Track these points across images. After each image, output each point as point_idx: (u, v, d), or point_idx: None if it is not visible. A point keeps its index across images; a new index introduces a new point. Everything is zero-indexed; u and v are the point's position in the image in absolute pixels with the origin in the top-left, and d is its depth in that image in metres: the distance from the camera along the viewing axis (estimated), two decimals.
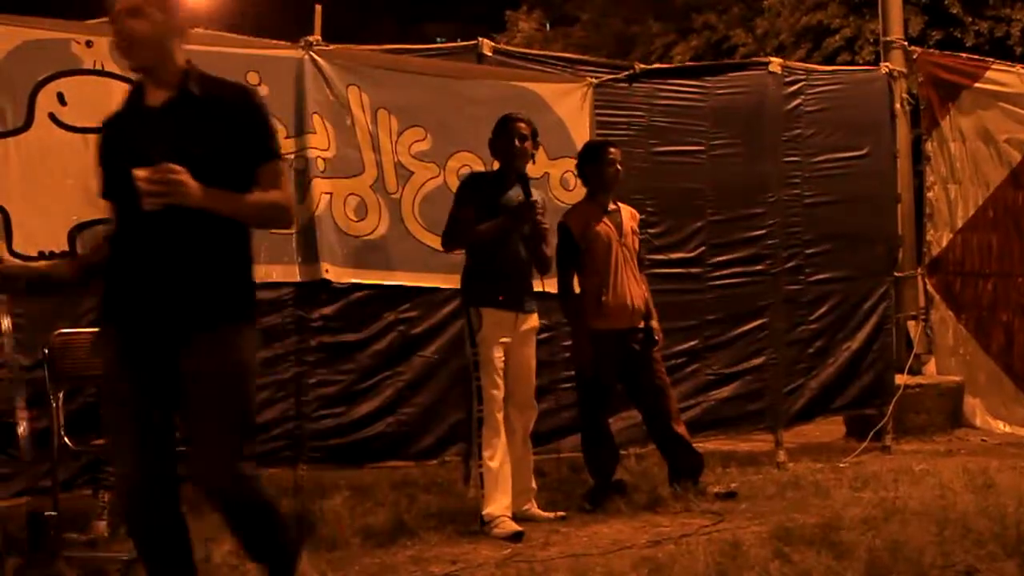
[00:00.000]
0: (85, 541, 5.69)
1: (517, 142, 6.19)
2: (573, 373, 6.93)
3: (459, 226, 6.15)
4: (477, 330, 6.08)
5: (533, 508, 6.27)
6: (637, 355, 6.79)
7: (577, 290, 6.74)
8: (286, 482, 6.66)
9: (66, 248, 6.07)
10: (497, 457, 6.00)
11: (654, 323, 6.87)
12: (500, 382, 6.06)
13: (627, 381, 6.86)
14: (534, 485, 6.36)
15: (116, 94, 6.20)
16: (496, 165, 6.44)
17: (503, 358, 6.09)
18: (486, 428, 6.02)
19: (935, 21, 14.17)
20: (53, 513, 5.36)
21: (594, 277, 6.69)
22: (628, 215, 6.89)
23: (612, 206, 6.84)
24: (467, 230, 6.11)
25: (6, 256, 5.91)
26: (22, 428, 5.46)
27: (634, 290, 6.74)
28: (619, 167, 6.79)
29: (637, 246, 6.90)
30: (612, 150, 6.81)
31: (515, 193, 6.19)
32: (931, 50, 10.49)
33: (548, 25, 21.74)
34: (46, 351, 5.48)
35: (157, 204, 3.59)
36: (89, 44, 6.20)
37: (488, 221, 6.09)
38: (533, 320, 6.25)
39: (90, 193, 6.08)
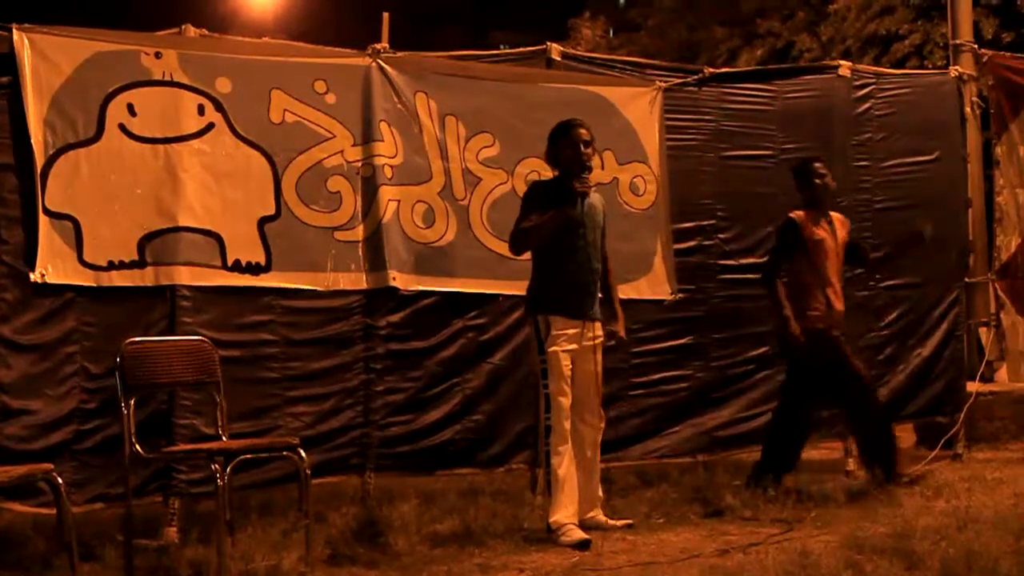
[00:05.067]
0: (156, 547, 5.75)
1: (582, 147, 6.14)
2: (648, 379, 7.35)
3: (525, 231, 6.13)
4: (544, 338, 6.07)
5: (600, 516, 6.24)
6: (840, 352, 7.12)
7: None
8: (354, 489, 6.70)
9: (136, 257, 6.13)
10: (564, 465, 5.98)
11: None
12: (568, 389, 6.04)
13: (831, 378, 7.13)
14: (601, 493, 6.34)
15: (185, 104, 6.30)
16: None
17: (570, 366, 6.07)
18: (554, 436, 6.00)
19: (1007, 23, 13.98)
20: None
21: (811, 276, 7.09)
22: (839, 222, 7.39)
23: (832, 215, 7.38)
24: (532, 233, 6.09)
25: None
26: None
27: (842, 299, 7.23)
28: (828, 180, 7.24)
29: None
30: (817, 164, 7.26)
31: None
32: (1001, 52, 10.32)
33: (612, 32, 21.71)
34: (118, 359, 5.51)
35: None
36: (158, 55, 6.27)
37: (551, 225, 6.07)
38: (600, 329, 6.23)
39: (159, 203, 6.19)
